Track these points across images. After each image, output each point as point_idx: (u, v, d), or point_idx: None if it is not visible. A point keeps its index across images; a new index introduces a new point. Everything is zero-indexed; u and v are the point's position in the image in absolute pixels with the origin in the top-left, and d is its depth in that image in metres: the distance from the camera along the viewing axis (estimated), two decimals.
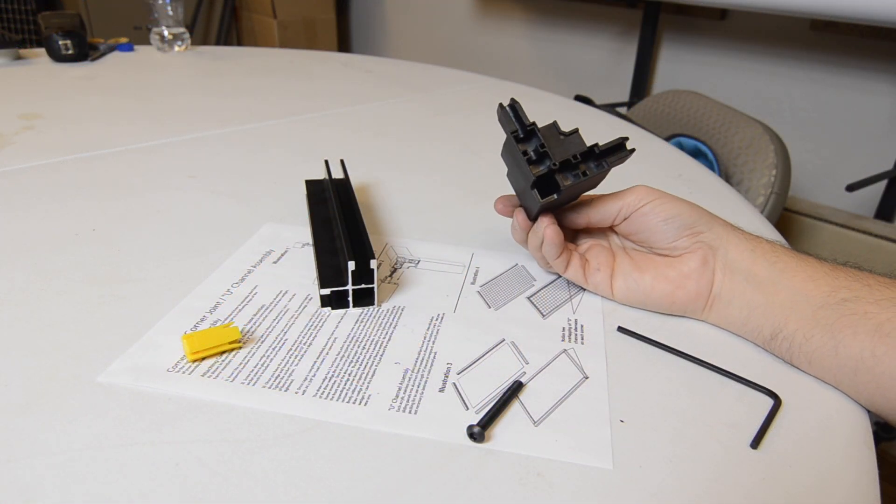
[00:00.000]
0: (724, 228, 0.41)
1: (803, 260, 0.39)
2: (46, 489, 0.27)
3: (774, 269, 0.39)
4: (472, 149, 0.76)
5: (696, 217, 0.41)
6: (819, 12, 1.25)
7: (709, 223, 0.41)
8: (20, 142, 0.70)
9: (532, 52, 2.27)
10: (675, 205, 0.41)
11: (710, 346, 0.40)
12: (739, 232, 0.41)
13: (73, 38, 1.06)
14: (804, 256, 0.39)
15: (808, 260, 0.39)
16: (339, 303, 0.42)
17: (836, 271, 0.38)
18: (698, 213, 0.41)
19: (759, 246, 0.40)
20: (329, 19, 2.71)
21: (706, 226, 0.41)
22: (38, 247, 0.47)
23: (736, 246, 0.40)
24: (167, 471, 0.28)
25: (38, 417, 0.31)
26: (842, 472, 0.31)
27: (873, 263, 1.37)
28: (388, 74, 1.12)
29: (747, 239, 0.41)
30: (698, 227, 0.41)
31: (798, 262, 0.38)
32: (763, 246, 0.40)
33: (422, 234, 0.53)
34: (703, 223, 0.41)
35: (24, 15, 2.26)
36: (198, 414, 0.32)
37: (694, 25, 1.81)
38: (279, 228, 0.52)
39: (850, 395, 0.36)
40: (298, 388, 0.34)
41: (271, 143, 0.73)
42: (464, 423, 0.32)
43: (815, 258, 0.39)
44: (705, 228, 0.41)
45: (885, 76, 1.50)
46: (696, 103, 1.15)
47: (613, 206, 0.42)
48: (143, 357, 0.35)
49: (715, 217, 0.42)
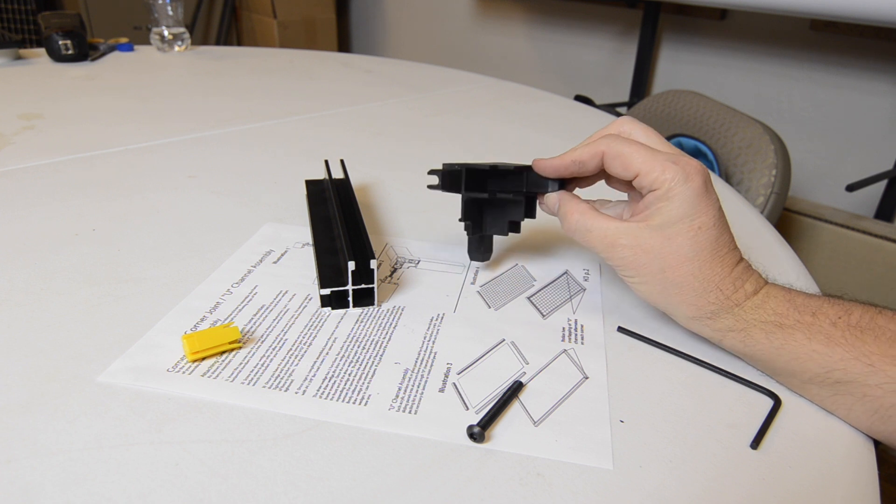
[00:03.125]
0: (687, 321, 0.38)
1: (788, 340, 0.34)
2: (46, 489, 0.27)
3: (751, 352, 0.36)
4: (471, 149, 0.76)
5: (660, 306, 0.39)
6: (819, 12, 1.25)
7: (672, 312, 0.39)
8: (20, 142, 0.70)
9: (532, 52, 2.27)
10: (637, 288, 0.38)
11: (709, 346, 0.39)
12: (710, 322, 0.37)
13: (73, 38, 1.06)
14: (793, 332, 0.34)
15: (796, 337, 0.34)
16: (339, 303, 0.42)
17: (832, 348, 0.33)
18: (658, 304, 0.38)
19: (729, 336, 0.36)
20: (329, 19, 2.71)
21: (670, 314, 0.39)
22: (38, 247, 0.47)
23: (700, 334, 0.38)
24: (167, 471, 0.28)
25: (38, 417, 0.31)
26: (842, 472, 0.31)
27: (873, 263, 1.36)
28: (388, 74, 1.12)
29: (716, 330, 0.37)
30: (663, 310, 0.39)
31: (779, 348, 0.34)
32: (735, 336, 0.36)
33: (422, 234, 0.53)
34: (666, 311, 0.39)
35: (24, 15, 2.26)
36: (198, 414, 0.32)
37: (694, 25, 1.81)
38: (279, 228, 0.52)
39: None
40: (298, 388, 0.34)
41: (271, 143, 0.73)
42: (464, 424, 0.32)
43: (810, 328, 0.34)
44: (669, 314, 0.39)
45: (885, 76, 1.50)
46: (696, 103, 1.15)
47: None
48: (143, 357, 0.35)
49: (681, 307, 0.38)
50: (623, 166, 0.38)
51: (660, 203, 0.37)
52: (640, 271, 0.37)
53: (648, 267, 0.37)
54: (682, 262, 0.36)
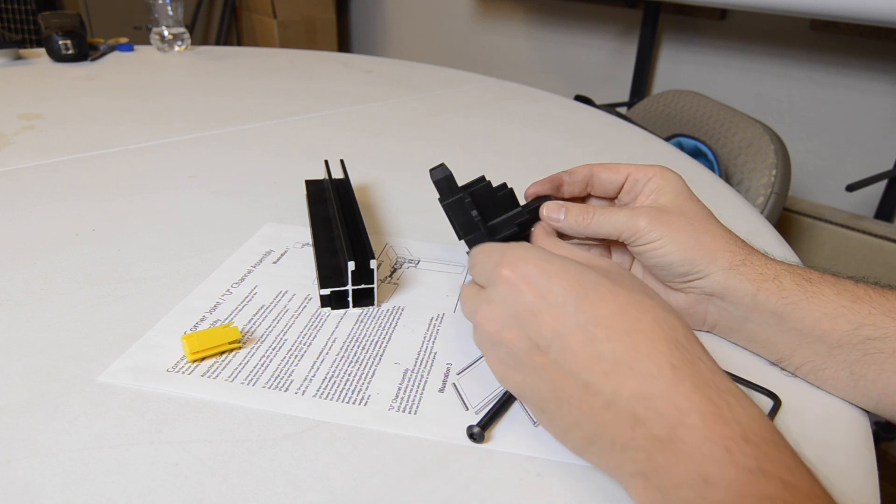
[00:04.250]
0: (725, 273, 0.36)
1: (818, 293, 0.34)
2: (46, 489, 0.27)
3: (783, 306, 0.34)
4: (471, 149, 0.76)
5: (691, 264, 0.36)
6: (819, 12, 1.25)
7: (707, 267, 0.36)
8: (20, 142, 0.70)
9: (532, 52, 2.27)
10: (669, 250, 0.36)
11: (708, 346, 0.39)
12: (745, 269, 0.36)
13: (73, 38, 1.06)
14: (820, 286, 0.34)
15: (825, 291, 0.34)
16: (339, 303, 0.42)
17: (859, 304, 0.33)
18: (693, 258, 0.36)
19: (765, 285, 0.35)
20: (329, 19, 2.71)
21: (703, 272, 0.36)
22: (38, 247, 0.47)
23: (736, 291, 0.36)
24: (167, 471, 0.28)
25: (38, 417, 0.31)
26: (842, 472, 0.31)
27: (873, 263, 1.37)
28: (387, 74, 1.12)
29: (752, 280, 0.35)
30: (692, 276, 0.37)
31: (810, 298, 0.34)
32: (770, 284, 0.35)
33: (422, 234, 0.53)
34: (698, 269, 0.36)
35: (24, 15, 2.26)
36: (197, 414, 0.32)
37: (694, 25, 1.81)
38: (279, 228, 0.52)
39: None
40: (298, 388, 0.34)
41: (271, 143, 0.73)
42: (464, 424, 0.32)
43: (834, 285, 0.34)
44: (701, 275, 0.36)
45: (885, 76, 1.50)
46: (696, 103, 1.15)
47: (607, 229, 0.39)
48: (142, 357, 0.35)
49: (718, 253, 0.36)
50: (613, 169, 0.41)
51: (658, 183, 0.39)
52: (670, 227, 0.37)
53: (676, 221, 0.37)
54: (705, 215, 0.38)
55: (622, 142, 0.82)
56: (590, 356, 0.26)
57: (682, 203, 0.38)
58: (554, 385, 0.27)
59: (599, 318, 0.26)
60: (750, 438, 0.22)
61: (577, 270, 0.29)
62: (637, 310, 0.27)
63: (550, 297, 0.28)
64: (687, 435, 0.23)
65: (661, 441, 0.23)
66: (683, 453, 0.23)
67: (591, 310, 0.27)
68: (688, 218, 0.37)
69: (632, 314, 0.26)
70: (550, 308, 0.27)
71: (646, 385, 0.24)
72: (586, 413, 0.26)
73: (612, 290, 0.28)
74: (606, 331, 0.26)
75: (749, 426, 0.23)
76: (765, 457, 0.22)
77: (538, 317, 0.28)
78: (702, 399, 0.23)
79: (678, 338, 0.26)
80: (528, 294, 0.28)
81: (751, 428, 0.23)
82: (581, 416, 0.26)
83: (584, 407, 0.26)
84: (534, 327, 0.28)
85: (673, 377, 0.24)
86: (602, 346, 0.26)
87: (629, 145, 0.81)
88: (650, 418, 0.24)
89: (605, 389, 0.25)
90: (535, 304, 0.28)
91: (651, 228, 0.37)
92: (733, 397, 0.24)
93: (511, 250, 0.31)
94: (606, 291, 0.27)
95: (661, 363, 0.25)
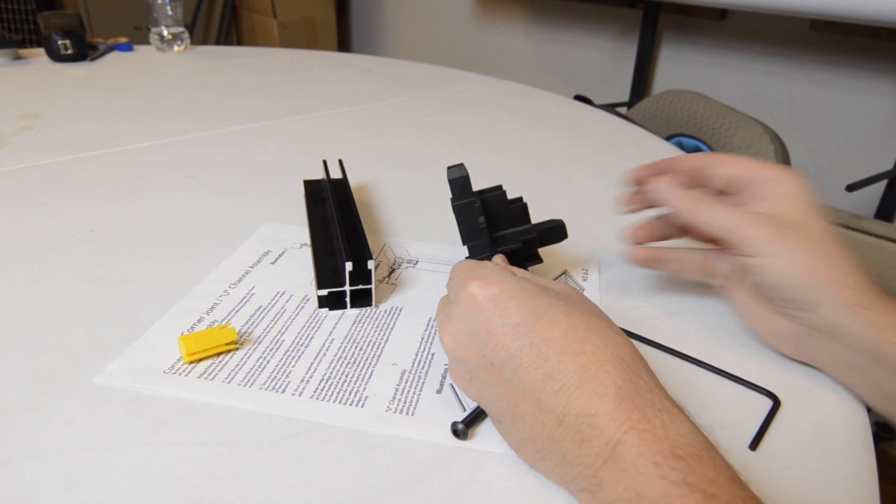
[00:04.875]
0: (839, 313, 0.31)
1: None
2: (43, 491, 0.27)
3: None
4: (471, 149, 0.76)
5: (800, 291, 0.32)
6: (819, 12, 1.25)
7: (818, 298, 0.32)
8: (19, 142, 0.70)
9: (532, 52, 2.27)
10: (779, 271, 0.32)
11: (709, 346, 0.39)
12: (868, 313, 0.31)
13: (72, 37, 1.06)
14: None
15: None
16: (337, 303, 0.41)
17: None
18: (805, 285, 0.32)
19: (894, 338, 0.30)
20: (329, 19, 2.71)
21: (813, 303, 0.32)
22: (36, 247, 0.47)
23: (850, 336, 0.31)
24: (164, 472, 0.28)
25: (34, 419, 0.31)
26: (841, 473, 0.31)
27: (873, 263, 1.37)
28: (387, 74, 1.12)
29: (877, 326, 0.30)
30: (799, 305, 0.32)
31: None
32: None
33: (420, 235, 0.53)
34: (812, 301, 0.32)
35: (23, 15, 2.26)
36: (194, 416, 0.32)
37: (694, 25, 1.81)
38: (277, 229, 0.52)
39: None
40: (295, 389, 0.34)
41: (270, 143, 0.73)
42: None
43: None
44: (813, 308, 0.32)
45: (885, 76, 1.49)
46: (696, 103, 1.15)
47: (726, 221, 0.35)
48: (140, 358, 0.35)
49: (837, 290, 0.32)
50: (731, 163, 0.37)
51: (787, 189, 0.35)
52: (785, 243, 0.33)
53: (795, 237, 0.32)
54: (831, 238, 0.33)
55: (622, 141, 0.82)
56: (542, 376, 0.27)
57: (807, 218, 0.33)
58: (509, 402, 0.28)
59: (552, 339, 0.27)
60: (678, 453, 0.23)
61: (534, 293, 0.29)
62: (587, 331, 0.28)
63: (507, 318, 0.29)
64: (625, 452, 0.24)
65: (604, 458, 0.24)
66: (622, 470, 0.24)
67: (544, 332, 0.28)
68: (810, 237, 0.33)
69: (582, 335, 0.27)
70: (506, 328, 0.28)
71: (592, 404, 0.25)
72: (538, 430, 0.27)
73: (566, 311, 0.29)
74: (558, 352, 0.27)
75: (678, 442, 0.24)
76: (689, 470, 0.23)
77: (494, 336, 0.29)
78: (640, 418, 0.24)
79: (624, 357, 0.27)
80: (487, 314, 0.29)
81: (679, 444, 0.24)
82: (534, 432, 0.27)
83: (537, 424, 0.27)
84: (489, 346, 0.29)
85: (616, 396, 0.25)
86: (553, 366, 0.27)
87: (629, 144, 0.81)
88: (595, 436, 0.25)
89: (555, 408, 0.26)
90: (492, 324, 0.29)
91: (764, 239, 0.33)
92: (667, 415, 0.25)
93: (477, 270, 0.32)
94: (559, 313, 0.28)
95: (608, 383, 0.26)
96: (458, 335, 0.30)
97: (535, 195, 0.47)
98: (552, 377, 0.26)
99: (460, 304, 0.31)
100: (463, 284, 0.31)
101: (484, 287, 0.30)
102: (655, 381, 0.27)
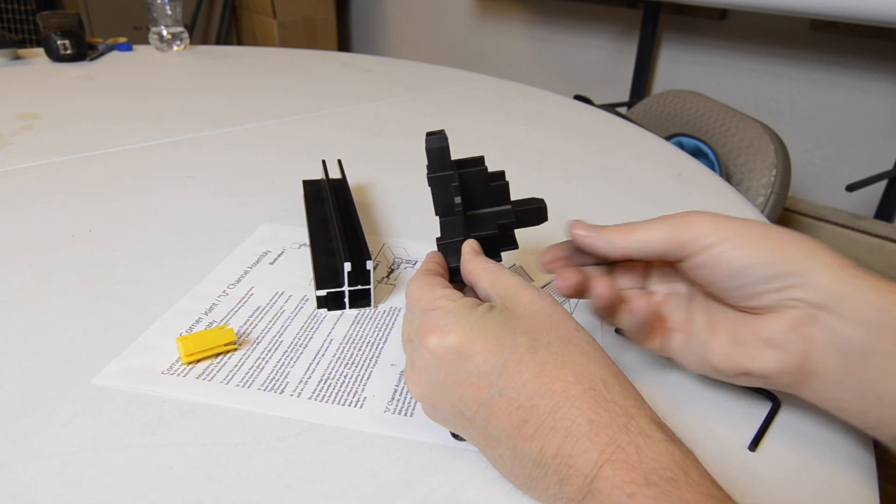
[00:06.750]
0: (833, 277, 0.28)
1: None
2: (41, 492, 0.27)
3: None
4: (471, 148, 0.76)
5: (785, 265, 0.28)
6: (819, 12, 1.25)
7: (808, 271, 0.28)
8: (18, 142, 0.69)
9: (532, 52, 2.27)
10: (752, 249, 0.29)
11: None
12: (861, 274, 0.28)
13: (71, 37, 1.06)
14: None
15: None
16: (336, 304, 0.41)
17: None
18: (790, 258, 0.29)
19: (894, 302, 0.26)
20: (329, 19, 2.71)
21: (803, 276, 0.28)
22: (34, 248, 0.47)
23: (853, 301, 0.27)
24: (161, 474, 0.28)
25: (32, 420, 0.31)
26: (841, 473, 0.31)
27: (873, 263, 1.37)
28: (387, 74, 1.12)
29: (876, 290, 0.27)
30: (785, 279, 0.29)
31: None
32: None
33: (419, 235, 0.53)
34: (796, 272, 0.28)
35: (23, 15, 2.26)
36: (193, 416, 0.32)
37: (694, 25, 1.81)
38: (276, 229, 0.52)
39: None
40: (294, 390, 0.34)
41: (269, 143, 0.73)
42: None
43: None
44: (801, 280, 0.28)
45: (885, 76, 1.49)
46: (696, 103, 1.15)
47: (657, 236, 0.32)
48: (138, 359, 0.35)
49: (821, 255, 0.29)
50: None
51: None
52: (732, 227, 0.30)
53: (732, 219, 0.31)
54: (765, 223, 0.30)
55: (622, 141, 0.82)
56: (514, 423, 0.26)
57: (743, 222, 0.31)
58: (485, 444, 0.28)
59: (521, 385, 0.26)
60: (652, 480, 0.23)
61: (496, 332, 0.28)
62: (555, 366, 0.27)
63: (472, 366, 0.27)
64: (601, 486, 0.24)
65: (583, 494, 0.24)
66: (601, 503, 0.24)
67: (513, 377, 0.27)
68: (756, 223, 0.30)
69: (551, 373, 0.26)
70: (472, 377, 0.27)
71: (566, 445, 0.25)
72: (519, 468, 0.27)
73: (531, 348, 0.27)
74: (528, 396, 0.26)
75: (651, 467, 0.23)
76: (664, 496, 0.23)
77: (460, 387, 0.27)
78: (615, 448, 0.24)
79: (595, 385, 0.26)
80: (449, 365, 0.28)
81: (653, 468, 0.23)
82: (515, 469, 0.27)
83: (517, 464, 0.27)
84: (456, 396, 0.28)
85: (590, 432, 0.25)
86: (526, 412, 0.26)
87: (629, 144, 0.81)
88: (572, 476, 0.25)
89: (531, 452, 0.26)
90: (457, 375, 0.28)
91: (708, 225, 0.30)
92: (642, 439, 0.24)
93: (433, 317, 0.29)
94: (525, 352, 0.27)
95: (580, 421, 0.25)
96: (424, 385, 0.29)
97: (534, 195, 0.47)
98: (526, 421, 0.26)
99: (421, 352, 0.29)
100: (420, 332, 0.29)
101: (441, 338, 0.28)
102: (633, 400, 0.26)
